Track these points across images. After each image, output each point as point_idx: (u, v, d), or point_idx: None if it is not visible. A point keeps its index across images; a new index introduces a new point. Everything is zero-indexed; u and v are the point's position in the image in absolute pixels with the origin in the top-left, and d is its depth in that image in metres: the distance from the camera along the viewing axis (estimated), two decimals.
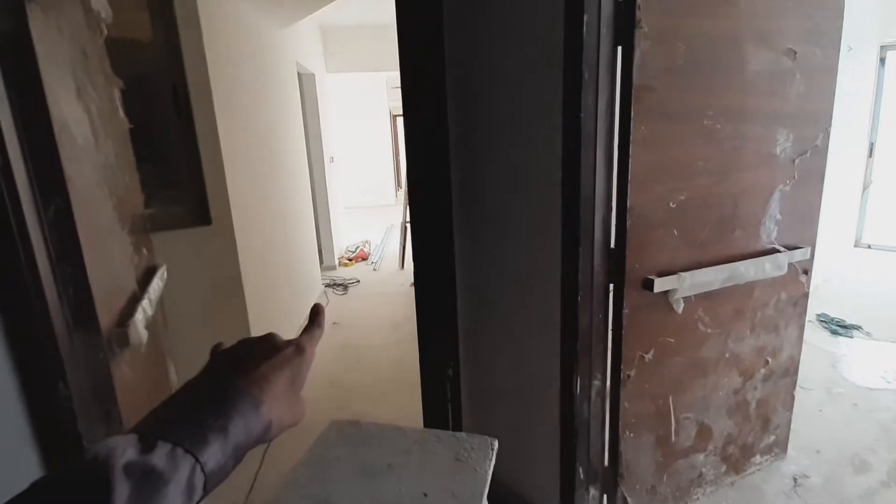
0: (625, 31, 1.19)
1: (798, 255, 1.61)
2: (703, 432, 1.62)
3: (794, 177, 1.55)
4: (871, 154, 4.80)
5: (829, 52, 1.52)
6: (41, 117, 0.78)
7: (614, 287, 1.36)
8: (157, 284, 1.40)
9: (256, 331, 2.44)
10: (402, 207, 5.51)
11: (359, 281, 4.90)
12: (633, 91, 1.21)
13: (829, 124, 1.59)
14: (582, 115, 1.18)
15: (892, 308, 3.40)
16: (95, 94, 1.17)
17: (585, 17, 1.13)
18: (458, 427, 1.68)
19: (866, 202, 4.97)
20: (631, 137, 1.24)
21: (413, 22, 1.41)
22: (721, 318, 1.54)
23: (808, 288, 1.72)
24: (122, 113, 1.38)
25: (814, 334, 2.91)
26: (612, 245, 1.33)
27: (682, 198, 1.36)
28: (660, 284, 1.34)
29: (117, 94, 1.36)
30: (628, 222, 1.28)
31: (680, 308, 1.42)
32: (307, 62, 4.41)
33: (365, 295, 4.55)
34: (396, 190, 10.31)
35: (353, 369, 3.02)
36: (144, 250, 1.39)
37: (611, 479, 1.52)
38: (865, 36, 3.99)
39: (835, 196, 3.33)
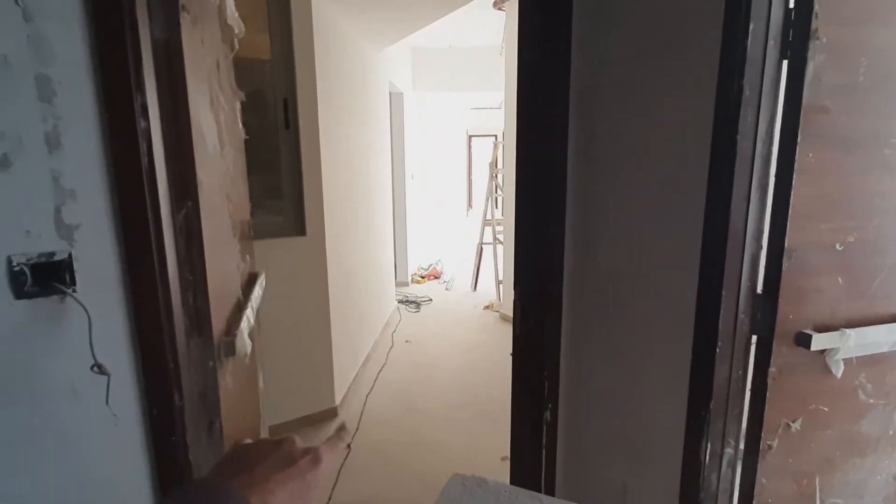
0: (796, 42, 1.02)
1: None
2: None
3: None
4: None
5: None
6: (184, 122, 0.77)
7: (758, 340, 1.15)
8: (257, 293, 1.39)
9: (336, 343, 2.42)
10: (478, 227, 5.45)
11: (431, 300, 4.87)
12: (801, 112, 1.03)
13: None
14: (738, 136, 1.02)
15: None
16: (225, 105, 1.19)
17: (751, 27, 0.98)
18: (550, 476, 1.52)
19: None
20: (795, 166, 1.05)
21: (534, 36, 1.33)
22: (888, 388, 1.27)
23: None
24: (240, 124, 1.41)
25: None
26: (760, 290, 1.13)
27: (852, 240, 1.14)
28: (818, 341, 1.12)
29: (238, 106, 1.39)
30: (784, 265, 1.09)
31: (839, 371, 1.18)
32: (398, 81, 4.53)
33: (437, 314, 4.49)
34: (468, 209, 10.31)
35: (427, 392, 2.95)
36: (248, 257, 1.40)
37: None
38: None
39: None
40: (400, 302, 4.65)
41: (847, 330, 1.14)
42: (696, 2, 1.10)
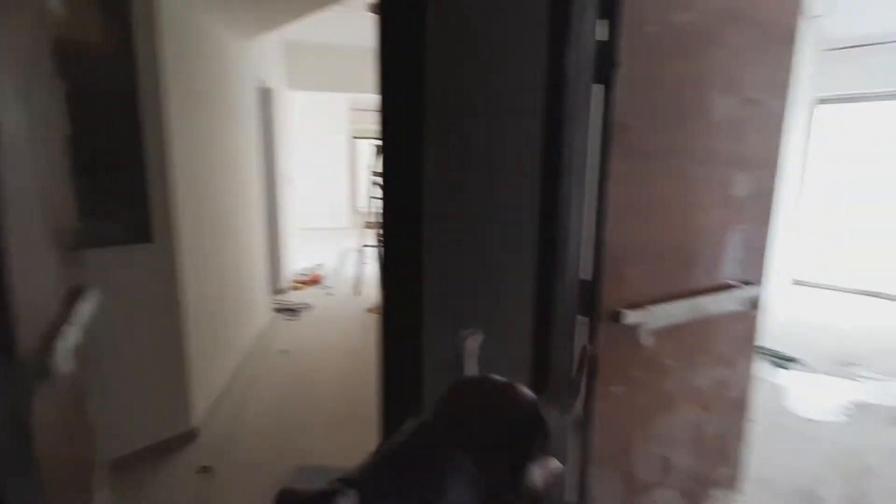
0: (605, 70, 1.22)
1: (752, 292, 1.68)
2: (666, 467, 1.62)
3: (748, 217, 1.63)
4: (802, 198, 5.23)
5: (780, 102, 1.63)
6: None
7: (589, 320, 1.35)
8: (85, 308, 1.25)
9: (194, 359, 2.23)
10: (359, 231, 5.41)
11: (312, 306, 4.71)
12: (611, 129, 1.24)
13: (777, 169, 1.69)
14: (564, 149, 1.18)
15: (824, 342, 3.65)
16: (38, 96, 1.05)
17: (570, 54, 1.15)
18: None
19: (800, 242, 5.38)
20: (608, 173, 1.25)
21: (394, 45, 1.39)
22: (683, 352, 1.57)
23: (758, 323, 1.80)
24: (61, 117, 1.25)
25: (757, 366, 3.06)
26: (585, 277, 1.32)
27: (652, 234, 1.39)
28: (629, 317, 1.35)
29: (59, 97, 1.24)
30: (603, 255, 1.29)
31: (648, 341, 1.43)
32: (268, 77, 4.31)
33: (318, 321, 4.36)
34: (352, 213, 10.16)
35: (304, 402, 2.85)
36: (72, 268, 1.24)
37: None
38: (799, 89, 4.40)
39: (773, 235, 3.57)
40: (277, 310, 4.43)
41: (650, 307, 1.39)
42: (526, 31, 1.24)
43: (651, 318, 1.39)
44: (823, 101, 5.30)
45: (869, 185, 5.39)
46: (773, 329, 3.76)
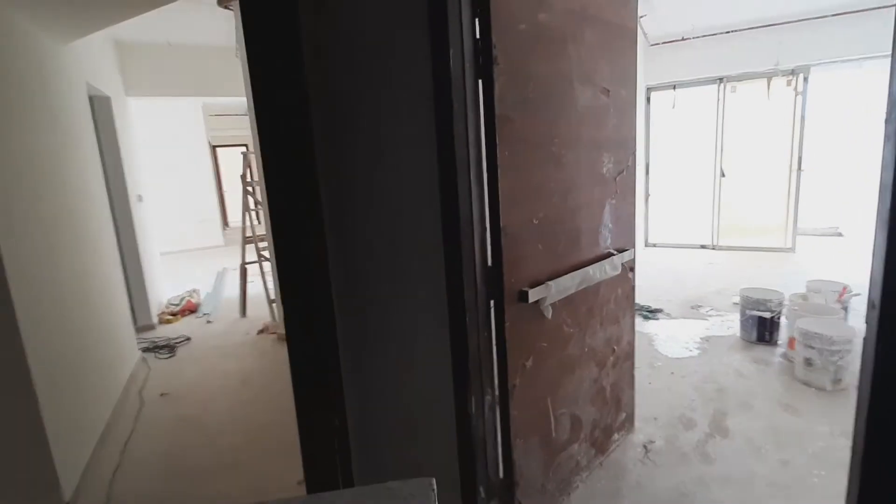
0: (484, 66, 1.28)
1: (626, 256, 1.92)
2: (576, 424, 1.79)
3: (616, 192, 1.85)
4: (647, 172, 6.07)
5: (629, 91, 1.88)
6: None
7: (495, 303, 1.42)
8: None
9: (51, 425, 1.88)
10: (238, 248, 4.99)
11: (189, 338, 4.21)
12: (496, 120, 1.31)
13: (635, 149, 1.95)
14: (455, 142, 1.22)
15: (678, 293, 4.30)
16: None
17: (451, 51, 1.19)
18: (348, 479, 1.54)
19: (648, 210, 6.25)
20: (497, 162, 1.33)
21: (266, 42, 1.30)
22: (579, 318, 1.74)
23: (635, 282, 2.07)
24: None
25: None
26: (490, 263, 1.39)
27: (542, 215, 1.51)
28: (533, 295, 1.45)
29: None
30: (502, 240, 1.36)
31: (550, 314, 1.55)
32: (100, 83, 3.74)
33: (199, 353, 3.91)
34: (224, 229, 9.32)
35: (194, 446, 2.54)
36: None
37: (507, 489, 1.56)
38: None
39: (637, 206, 4.14)
40: (146, 350, 3.88)
41: (549, 282, 1.51)
42: (410, 35, 1.25)
43: (550, 293, 1.52)
44: (651, 88, 6.20)
45: (691, 158, 6.47)
46: (639, 287, 4.34)
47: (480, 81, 1.31)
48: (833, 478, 1.86)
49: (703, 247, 6.22)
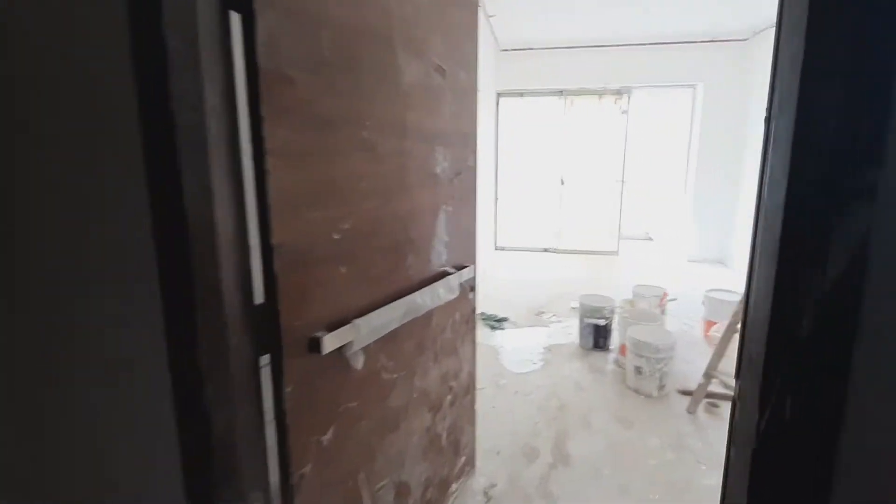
0: None
1: (466, 274, 1.61)
2: (402, 492, 1.41)
3: (454, 196, 1.52)
4: (495, 176, 6.10)
5: (470, 76, 1.56)
6: None
7: (272, 358, 0.95)
8: None
9: None
10: None
11: None
12: (260, 79, 0.84)
13: (476, 146, 1.64)
14: (174, 107, 0.72)
15: (524, 298, 4.29)
16: None
17: None
18: None
19: (497, 213, 6.31)
20: (266, 146, 0.86)
21: None
22: (405, 359, 1.36)
23: (476, 303, 1.77)
24: None
25: (478, 332, 3.32)
26: (262, 300, 0.92)
27: (348, 226, 1.08)
28: (330, 341, 1.02)
29: None
30: (276, 265, 0.90)
31: (360, 362, 1.14)
32: None
33: None
34: None
35: None
36: None
37: None
38: (487, 84, 5.00)
39: (478, 212, 3.98)
40: None
41: (357, 320, 1.09)
42: None
43: (359, 335, 1.10)
44: (501, 94, 6.27)
45: (536, 165, 6.76)
46: (486, 294, 4.23)
47: (236, 17, 0.83)
48: (667, 501, 1.80)
49: (546, 250, 6.53)
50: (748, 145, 5.43)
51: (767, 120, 0.74)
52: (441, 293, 1.44)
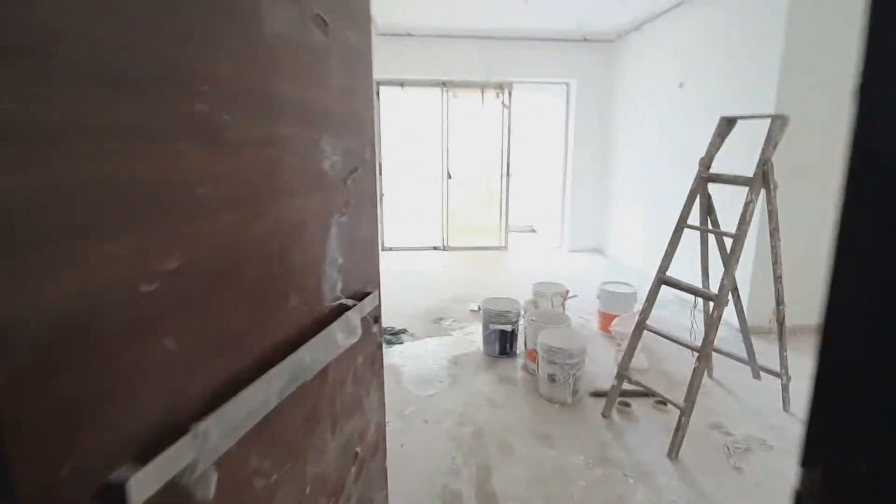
0: None
1: (368, 305, 1.21)
2: None
3: (349, 202, 1.11)
4: (380, 171, 5.67)
5: (362, 39, 1.15)
6: None
7: None
8: None
9: None
10: None
11: None
12: None
13: (373, 135, 1.25)
14: None
15: (419, 303, 3.96)
16: None
17: None
18: None
19: (382, 212, 5.89)
20: None
21: None
22: (291, 444, 0.93)
23: (381, 338, 1.38)
24: None
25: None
26: None
27: (175, 265, 0.62)
28: (147, 481, 0.56)
29: None
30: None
31: (210, 490, 0.69)
32: None
33: None
34: None
35: None
36: None
37: None
38: None
39: (379, 220, 3.55)
40: None
41: (202, 424, 0.64)
42: None
43: (207, 445, 0.65)
44: (380, 82, 5.85)
45: (420, 159, 6.48)
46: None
47: None
48: None
49: (435, 248, 6.31)
50: (616, 141, 5.79)
51: (863, 87, 0.49)
52: (339, 338, 1.03)
